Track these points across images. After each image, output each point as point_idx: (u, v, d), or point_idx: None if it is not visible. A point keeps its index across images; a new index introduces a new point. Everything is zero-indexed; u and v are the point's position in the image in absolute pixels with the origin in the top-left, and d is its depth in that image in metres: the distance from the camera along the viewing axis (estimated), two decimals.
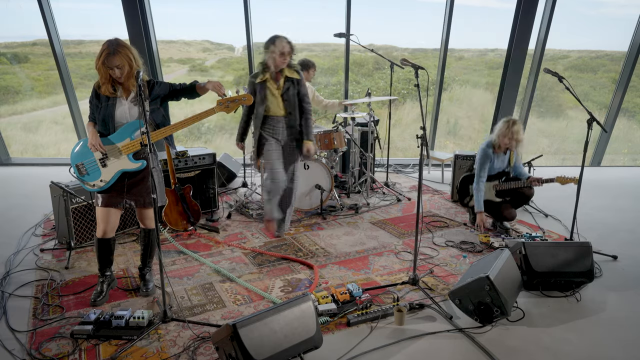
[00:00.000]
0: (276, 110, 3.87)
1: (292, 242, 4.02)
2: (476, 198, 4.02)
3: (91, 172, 2.86)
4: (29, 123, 8.71)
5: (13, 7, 7.49)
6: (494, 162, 4.08)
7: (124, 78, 2.74)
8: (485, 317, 2.67)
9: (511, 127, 3.89)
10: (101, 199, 2.89)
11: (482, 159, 4.03)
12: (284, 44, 3.68)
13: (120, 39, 2.71)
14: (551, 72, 3.55)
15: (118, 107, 2.80)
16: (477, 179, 4.03)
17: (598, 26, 9.45)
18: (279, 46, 3.67)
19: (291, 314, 2.31)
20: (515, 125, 3.90)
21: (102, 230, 2.93)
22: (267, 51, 3.74)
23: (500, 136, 3.95)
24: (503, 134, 3.93)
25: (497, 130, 4.00)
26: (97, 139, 2.79)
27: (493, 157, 4.06)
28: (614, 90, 6.61)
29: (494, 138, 4.01)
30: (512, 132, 3.89)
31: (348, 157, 5.46)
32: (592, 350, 2.55)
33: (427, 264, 3.57)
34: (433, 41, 6.43)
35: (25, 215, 4.59)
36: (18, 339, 2.59)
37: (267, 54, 3.75)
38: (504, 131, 3.92)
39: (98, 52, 2.67)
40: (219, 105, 2.89)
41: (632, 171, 6.84)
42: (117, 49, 2.64)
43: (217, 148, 8.48)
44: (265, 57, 3.77)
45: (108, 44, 2.66)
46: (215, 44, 10.67)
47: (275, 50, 3.68)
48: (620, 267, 3.58)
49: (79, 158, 2.87)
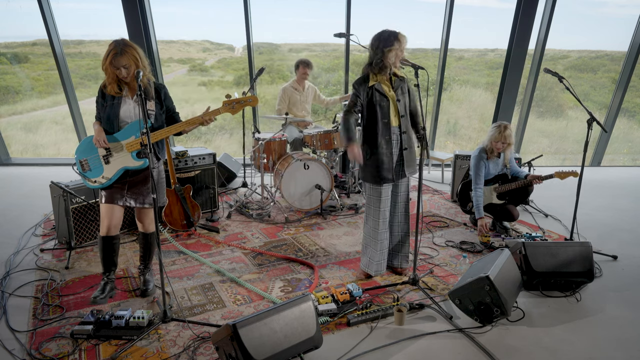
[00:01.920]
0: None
1: (292, 242, 4.02)
2: (476, 205, 4.02)
3: (94, 168, 2.89)
4: (29, 123, 8.71)
5: (13, 7, 7.49)
6: (489, 168, 4.10)
7: (130, 78, 2.77)
8: (485, 317, 2.67)
9: (503, 131, 3.93)
10: (105, 195, 2.92)
11: (476, 165, 4.05)
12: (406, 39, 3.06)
13: (126, 39, 2.74)
14: (551, 72, 3.55)
15: (123, 106, 2.83)
16: (474, 187, 4.04)
17: (598, 26, 9.46)
18: (404, 41, 3.04)
19: (291, 314, 2.31)
20: (507, 129, 3.94)
21: (106, 227, 2.93)
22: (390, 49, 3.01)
23: (493, 141, 3.98)
24: (496, 139, 3.96)
25: (489, 136, 4.03)
26: (103, 135, 2.81)
27: (487, 163, 4.08)
28: (614, 90, 6.61)
29: (487, 144, 4.03)
30: (505, 137, 3.93)
31: (348, 157, 5.46)
32: (592, 350, 2.55)
33: (427, 264, 3.57)
34: (433, 41, 6.45)
35: (25, 215, 4.59)
36: (18, 339, 2.59)
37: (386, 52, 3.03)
38: (497, 136, 3.95)
39: (105, 53, 2.69)
40: (225, 106, 2.89)
41: (632, 171, 6.84)
42: (124, 49, 2.66)
43: (217, 148, 8.49)
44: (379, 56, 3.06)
45: (115, 44, 2.67)
46: (215, 44, 10.68)
47: (400, 47, 3.03)
48: (620, 267, 3.58)
49: (83, 154, 2.92)
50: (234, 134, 9.23)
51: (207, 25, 10.26)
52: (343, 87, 6.66)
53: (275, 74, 9.67)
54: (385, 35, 3.01)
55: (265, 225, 4.40)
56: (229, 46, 10.66)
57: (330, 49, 10.03)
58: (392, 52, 3.01)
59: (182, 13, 9.58)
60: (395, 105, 3.12)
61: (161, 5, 6.66)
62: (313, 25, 10.53)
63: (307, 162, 4.57)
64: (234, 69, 10.33)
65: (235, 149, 8.34)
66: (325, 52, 10.22)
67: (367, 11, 8.36)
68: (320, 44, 10.23)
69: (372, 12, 8.67)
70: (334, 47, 9.78)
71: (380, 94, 3.08)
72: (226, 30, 12.04)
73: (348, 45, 6.37)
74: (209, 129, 9.51)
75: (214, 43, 10.66)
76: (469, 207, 4.30)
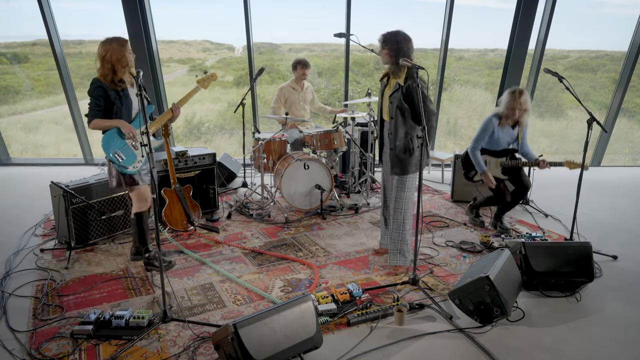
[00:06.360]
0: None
1: (292, 242, 4.02)
2: (476, 162, 3.93)
3: (127, 156, 3.17)
4: (29, 123, 8.71)
5: (13, 7, 7.49)
6: (498, 135, 3.95)
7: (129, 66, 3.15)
8: (485, 317, 2.67)
9: (518, 97, 3.77)
10: (138, 179, 3.25)
11: (484, 126, 3.93)
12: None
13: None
14: (551, 72, 3.55)
15: (130, 96, 3.18)
16: (472, 146, 3.95)
17: (598, 26, 9.45)
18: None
19: (291, 314, 2.31)
20: (522, 95, 3.77)
21: (144, 205, 3.35)
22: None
23: (508, 108, 3.83)
24: (510, 106, 3.81)
25: (503, 102, 3.88)
26: (131, 127, 3.14)
27: (497, 130, 3.94)
28: (614, 90, 6.61)
29: (502, 110, 3.89)
30: (520, 103, 3.77)
31: (348, 157, 5.46)
32: (592, 350, 2.55)
33: (427, 264, 3.57)
34: (433, 41, 6.44)
35: (25, 215, 4.59)
36: (18, 339, 2.59)
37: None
38: (511, 103, 3.80)
39: (117, 44, 3.06)
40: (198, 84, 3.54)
41: (632, 171, 6.84)
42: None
43: (217, 148, 8.49)
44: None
45: (119, 37, 3.09)
46: (215, 44, 10.67)
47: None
48: (620, 267, 3.58)
49: (113, 147, 3.14)
50: (234, 134, 9.23)
51: (207, 25, 10.26)
52: (343, 88, 6.66)
53: (275, 74, 9.67)
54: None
55: (265, 225, 4.40)
56: (229, 46, 10.66)
57: (330, 49, 10.04)
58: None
59: (182, 13, 9.58)
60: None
61: (161, 5, 6.65)
62: (313, 25, 10.53)
63: (307, 162, 4.57)
64: (234, 69, 10.33)
65: (235, 149, 8.34)
66: (325, 52, 10.22)
67: (367, 11, 8.36)
68: (320, 44, 10.23)
69: (372, 12, 8.67)
70: (334, 47, 9.79)
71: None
72: (226, 30, 12.04)
73: (348, 45, 6.37)
74: (209, 129, 9.51)
75: (214, 43, 10.65)
76: (472, 174, 4.19)
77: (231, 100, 9.59)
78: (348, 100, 6.15)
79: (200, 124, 9.59)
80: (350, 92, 6.82)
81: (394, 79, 3.25)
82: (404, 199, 3.36)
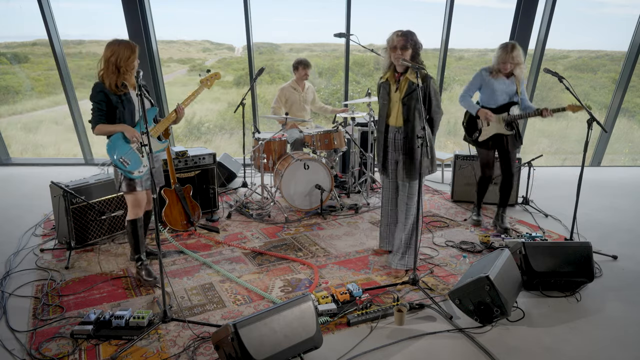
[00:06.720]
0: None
1: (292, 242, 4.02)
2: (468, 105, 3.91)
3: (132, 161, 3.10)
4: (29, 123, 8.71)
5: (13, 7, 7.49)
6: (494, 87, 3.89)
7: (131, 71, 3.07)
8: (485, 317, 2.67)
9: (510, 52, 3.72)
10: (139, 183, 3.17)
11: (472, 79, 3.94)
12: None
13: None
14: (551, 72, 3.54)
15: (132, 100, 3.09)
16: (461, 94, 3.95)
17: (598, 26, 9.45)
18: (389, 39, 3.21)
19: (291, 314, 2.31)
20: (515, 49, 3.73)
21: (140, 212, 3.26)
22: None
23: (499, 62, 3.79)
24: (502, 59, 3.76)
25: (496, 57, 3.83)
26: (135, 131, 3.06)
27: (492, 81, 3.88)
28: (614, 90, 6.61)
29: (493, 63, 3.85)
30: (513, 57, 3.73)
31: (348, 157, 5.46)
32: (592, 350, 2.55)
33: (427, 264, 3.57)
34: (433, 41, 6.44)
35: (25, 215, 4.59)
36: (18, 339, 2.59)
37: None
38: (503, 56, 3.75)
39: (128, 49, 2.98)
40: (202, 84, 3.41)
41: (632, 171, 6.84)
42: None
43: (217, 148, 8.49)
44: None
45: (127, 41, 3.02)
46: (215, 44, 10.68)
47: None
48: (620, 267, 3.58)
49: (119, 153, 3.06)
50: (234, 134, 9.24)
51: (207, 25, 10.27)
52: (343, 88, 6.66)
53: (275, 74, 9.67)
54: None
55: (265, 225, 4.40)
56: (229, 46, 10.66)
57: (330, 49, 10.04)
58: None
59: (182, 13, 9.58)
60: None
61: (161, 5, 6.66)
62: (313, 25, 10.54)
63: (307, 162, 4.57)
64: (234, 69, 10.33)
65: (235, 149, 8.34)
66: (325, 52, 10.23)
67: (367, 11, 8.37)
68: (320, 44, 10.23)
69: (372, 12, 8.68)
70: (334, 47, 9.79)
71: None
72: (226, 30, 12.04)
73: (348, 45, 6.37)
74: (209, 129, 9.51)
75: (214, 43, 10.66)
76: (475, 136, 4.12)
77: (231, 100, 9.60)
78: (348, 100, 6.16)
79: (200, 124, 9.59)
80: (350, 92, 6.82)
81: (406, 80, 3.21)
82: (415, 204, 3.29)
